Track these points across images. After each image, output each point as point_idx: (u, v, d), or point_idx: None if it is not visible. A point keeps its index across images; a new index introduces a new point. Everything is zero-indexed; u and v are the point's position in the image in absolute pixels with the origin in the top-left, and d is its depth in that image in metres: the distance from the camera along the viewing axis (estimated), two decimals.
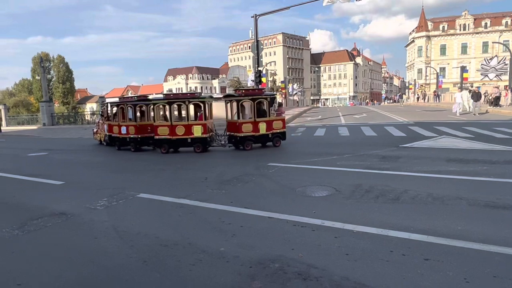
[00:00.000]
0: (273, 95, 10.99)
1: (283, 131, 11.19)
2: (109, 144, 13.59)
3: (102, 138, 14.90)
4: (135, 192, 5.77)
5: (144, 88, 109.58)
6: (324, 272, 2.88)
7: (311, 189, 5.51)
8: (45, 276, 3.13)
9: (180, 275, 2.99)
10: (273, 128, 10.98)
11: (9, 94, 77.58)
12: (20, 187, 7.06)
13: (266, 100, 10.96)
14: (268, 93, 11.25)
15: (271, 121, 10.97)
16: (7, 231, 4.25)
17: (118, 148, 12.45)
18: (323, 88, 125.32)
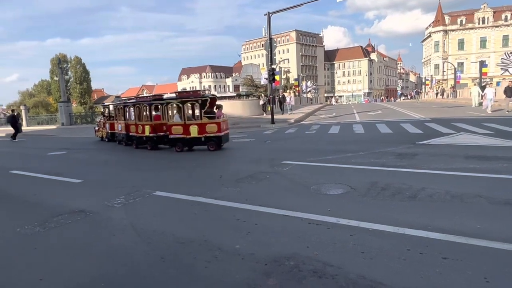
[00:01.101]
0: (205, 97, 10.83)
1: (217, 135, 10.67)
2: (110, 140, 15.77)
3: (104, 135, 16.88)
4: (151, 190, 5.86)
5: (158, 87, 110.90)
6: (340, 270, 2.87)
7: (325, 187, 5.48)
8: (66, 271, 3.22)
9: (196, 271, 3.03)
10: (206, 132, 10.71)
11: (29, 95, 79.80)
12: (41, 185, 7.26)
13: (197, 103, 10.86)
14: (206, 95, 11.05)
15: (203, 124, 10.73)
16: (29, 228, 4.38)
17: (135, 147, 12.73)
18: (337, 85, 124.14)
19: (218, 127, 10.67)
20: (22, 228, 4.36)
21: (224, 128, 11.02)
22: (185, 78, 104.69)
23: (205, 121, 10.77)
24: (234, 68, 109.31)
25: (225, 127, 11.19)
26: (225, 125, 11.24)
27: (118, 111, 14.76)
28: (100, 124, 17.74)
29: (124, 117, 13.89)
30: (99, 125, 17.91)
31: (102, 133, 17.25)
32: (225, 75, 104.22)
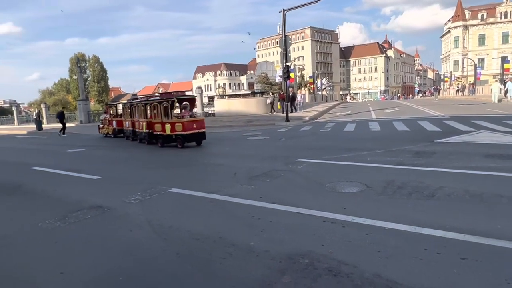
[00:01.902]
0: (172, 98, 12.06)
1: (183, 134, 11.47)
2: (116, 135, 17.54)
3: (110, 131, 18.39)
4: (167, 187, 5.94)
5: (174, 85, 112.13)
6: (355, 269, 2.85)
7: (341, 185, 5.44)
8: (85, 265, 3.31)
9: (211, 268, 3.07)
10: (176, 130, 11.59)
11: (49, 93, 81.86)
12: (61, 181, 7.46)
13: (167, 103, 12.00)
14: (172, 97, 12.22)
15: (173, 123, 11.73)
16: (50, 222, 4.51)
17: (147, 143, 13.25)
18: (353, 82, 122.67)
19: (183, 126, 11.49)
20: (44, 223, 4.50)
21: (194, 127, 11.65)
22: (200, 76, 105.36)
23: (175, 120, 11.83)
24: (249, 66, 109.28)
25: (196, 126, 11.72)
26: (195, 124, 11.76)
27: (125, 110, 16.41)
28: (105, 121, 18.93)
29: (131, 115, 15.39)
30: (104, 122, 19.10)
31: (107, 130, 18.60)
32: (240, 73, 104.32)
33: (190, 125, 11.63)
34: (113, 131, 17.99)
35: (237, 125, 19.60)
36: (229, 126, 19.35)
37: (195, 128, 11.73)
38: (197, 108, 23.07)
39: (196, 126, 11.79)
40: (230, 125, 19.83)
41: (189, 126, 11.57)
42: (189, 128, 11.58)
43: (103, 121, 19.37)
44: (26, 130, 28.76)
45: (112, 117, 18.31)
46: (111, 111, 18.84)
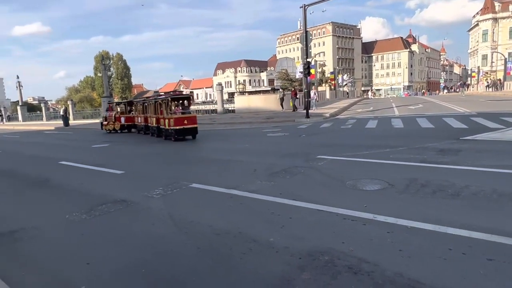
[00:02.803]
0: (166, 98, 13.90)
1: (175, 128, 12.94)
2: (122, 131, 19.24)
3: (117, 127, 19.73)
4: (188, 182, 6.03)
5: (195, 82, 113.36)
6: (376, 267, 2.81)
7: (362, 183, 5.36)
8: (110, 257, 3.42)
9: (232, 262, 3.10)
10: (170, 125, 13.11)
11: (75, 90, 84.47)
12: (87, 175, 7.71)
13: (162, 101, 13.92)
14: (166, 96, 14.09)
15: (169, 118, 13.25)
16: (76, 215, 4.68)
17: (164, 138, 14.13)
18: (375, 78, 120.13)
19: (174, 122, 12.96)
20: (71, 215, 4.67)
21: (185, 123, 13.01)
22: (221, 73, 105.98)
23: (169, 116, 13.27)
24: (269, 62, 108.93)
25: (187, 122, 13.07)
26: (187, 120, 13.08)
27: (138, 107, 18.46)
28: (110, 118, 20.21)
29: (143, 112, 17.31)
30: (109, 119, 20.29)
31: (114, 126, 19.92)
32: (260, 69, 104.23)
33: (181, 121, 12.94)
34: (121, 127, 19.65)
35: (257, 121, 19.61)
36: (249, 123, 19.40)
37: (186, 124, 12.98)
38: (202, 106, 23.34)
39: (188, 122, 13.05)
40: (250, 121, 19.87)
41: (180, 122, 12.92)
42: (180, 124, 12.92)
43: (108, 118, 20.51)
44: (53, 126, 29.86)
45: (120, 114, 20.13)
46: (119, 109, 20.77)
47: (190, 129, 13.18)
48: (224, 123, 20.32)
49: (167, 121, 13.45)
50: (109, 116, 20.54)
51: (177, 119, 12.96)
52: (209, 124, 20.80)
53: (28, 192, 6.51)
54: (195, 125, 13.31)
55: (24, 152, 13.82)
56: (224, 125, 19.77)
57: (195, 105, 55.06)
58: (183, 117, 13.10)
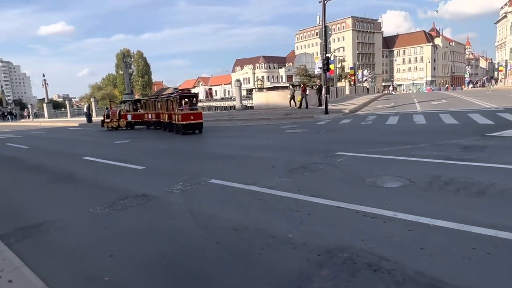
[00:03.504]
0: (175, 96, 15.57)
1: (182, 123, 14.48)
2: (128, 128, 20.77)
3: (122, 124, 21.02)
4: (207, 178, 6.10)
5: (213, 78, 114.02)
6: (397, 265, 2.77)
7: (382, 180, 5.27)
8: (132, 250, 3.51)
9: (250, 257, 3.12)
10: (178, 120, 14.77)
11: (98, 88, 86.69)
12: (109, 170, 7.91)
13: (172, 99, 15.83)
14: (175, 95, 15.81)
15: (178, 114, 14.81)
16: (100, 209, 4.82)
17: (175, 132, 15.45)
18: (396, 73, 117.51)
19: (182, 117, 14.55)
20: (94, 209, 4.81)
21: (192, 119, 14.59)
22: (239, 69, 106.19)
23: (178, 112, 14.80)
24: (287, 58, 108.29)
25: (193, 118, 14.65)
26: (193, 116, 14.68)
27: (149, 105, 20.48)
28: (115, 115, 21.31)
29: (154, 109, 19.28)
30: (112, 116, 21.31)
31: (118, 123, 21.09)
32: (278, 65, 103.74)
33: (188, 117, 14.55)
34: (127, 124, 21.18)
35: (275, 117, 19.57)
36: (267, 119, 19.39)
37: (192, 119, 14.59)
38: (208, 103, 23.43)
39: (194, 117, 14.66)
40: (268, 117, 19.85)
41: (187, 117, 14.51)
42: (187, 119, 14.51)
43: (111, 116, 21.40)
44: (77, 123, 30.75)
45: (126, 111, 21.81)
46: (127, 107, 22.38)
47: (196, 124, 14.75)
48: (242, 119, 20.38)
49: (177, 117, 14.94)
50: (113, 114, 21.56)
51: (184, 115, 14.53)
52: (228, 121, 20.92)
53: (54, 186, 6.75)
54: (200, 120, 14.89)
55: (50, 148, 14.32)
56: (242, 121, 19.83)
57: (214, 102, 55.46)
58: (190, 113, 14.70)
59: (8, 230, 4.24)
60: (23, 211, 5.21)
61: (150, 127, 20.16)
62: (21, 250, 3.57)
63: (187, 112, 14.68)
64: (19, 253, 3.48)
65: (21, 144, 15.58)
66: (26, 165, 9.71)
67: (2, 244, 3.75)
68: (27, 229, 4.25)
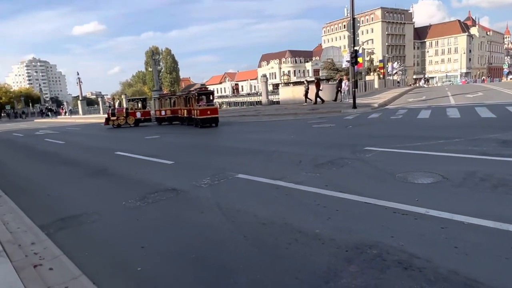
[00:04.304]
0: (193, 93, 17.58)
1: (200, 118, 16.21)
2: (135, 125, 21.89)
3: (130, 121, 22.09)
4: (234, 173, 6.16)
5: (239, 74, 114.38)
6: (428, 263, 2.70)
7: (413, 175, 5.12)
8: (163, 242, 3.62)
9: (278, 252, 3.14)
10: (196, 115, 16.51)
11: (128, 85, 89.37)
12: (140, 165, 8.16)
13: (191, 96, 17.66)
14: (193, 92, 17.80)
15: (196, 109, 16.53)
16: (131, 202, 5.00)
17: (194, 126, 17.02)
18: (428, 65, 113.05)
19: (200, 112, 16.23)
20: (127, 202, 5.00)
21: (208, 113, 16.25)
22: (265, 64, 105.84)
23: (196, 108, 16.51)
24: (314, 52, 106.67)
25: (209, 113, 16.30)
26: (209, 111, 16.30)
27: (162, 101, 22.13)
28: (121, 113, 22.26)
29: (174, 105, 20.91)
30: (119, 114, 22.22)
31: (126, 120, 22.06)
32: (305, 59, 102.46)
33: (204, 112, 16.25)
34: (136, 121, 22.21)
35: (302, 112, 19.41)
36: (293, 114, 19.26)
37: (208, 114, 16.25)
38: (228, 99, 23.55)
39: (210, 112, 16.32)
40: (295, 112, 19.72)
41: (204, 112, 16.23)
42: (204, 114, 16.23)
43: (117, 113, 22.20)
44: None
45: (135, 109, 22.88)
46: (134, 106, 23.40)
47: (212, 118, 16.39)
48: (268, 115, 20.36)
49: (195, 112, 16.61)
50: (119, 112, 22.38)
51: (202, 110, 16.19)
52: (254, 116, 20.96)
53: (89, 180, 7.05)
54: (216, 115, 16.61)
55: (85, 143, 14.96)
56: (268, 116, 19.82)
57: (240, 97, 55.73)
58: (207, 108, 16.32)
59: (48, 221, 4.49)
60: (61, 203, 5.49)
61: (162, 123, 21.55)
62: (60, 240, 3.78)
63: (204, 108, 16.26)
64: (58, 242, 3.68)
65: (58, 140, 16.36)
66: (63, 160, 10.20)
67: (43, 234, 3.99)
68: (65, 220, 4.48)
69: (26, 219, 4.58)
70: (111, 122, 22.24)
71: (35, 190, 6.54)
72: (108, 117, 22.61)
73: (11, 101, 74.39)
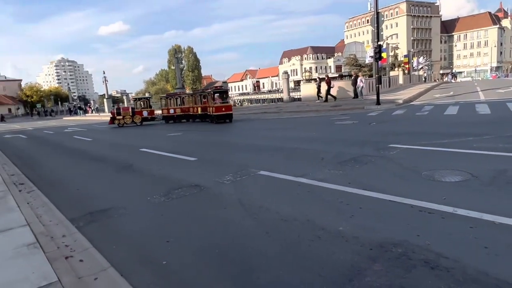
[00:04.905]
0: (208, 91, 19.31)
1: (215, 114, 17.74)
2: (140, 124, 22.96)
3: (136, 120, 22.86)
4: (256, 170, 6.19)
5: (261, 71, 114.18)
6: (457, 263, 2.62)
7: (440, 173, 4.98)
8: (187, 237, 3.70)
9: (300, 249, 3.14)
10: (212, 112, 18.06)
11: (152, 83, 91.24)
12: (164, 161, 8.34)
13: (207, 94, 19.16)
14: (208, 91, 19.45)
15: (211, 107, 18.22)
16: (156, 197, 5.12)
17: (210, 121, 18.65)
18: (456, 59, 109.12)
19: (215, 109, 17.72)
20: (151, 197, 5.12)
21: (223, 110, 17.79)
22: (286, 61, 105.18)
23: (211, 104, 18.15)
24: (336, 48, 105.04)
25: (224, 110, 17.83)
26: (224, 108, 17.84)
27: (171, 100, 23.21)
28: (127, 112, 22.86)
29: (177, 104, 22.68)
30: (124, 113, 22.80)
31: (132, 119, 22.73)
32: (327, 55, 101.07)
33: (219, 109, 17.77)
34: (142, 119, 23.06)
35: (324, 109, 19.21)
36: (315, 111, 19.09)
37: (223, 111, 17.79)
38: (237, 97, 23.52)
39: (225, 109, 17.85)
40: (317, 109, 19.54)
41: (219, 109, 17.74)
42: (219, 110, 17.75)
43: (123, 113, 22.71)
44: None
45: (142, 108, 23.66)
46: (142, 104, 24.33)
47: (227, 115, 17.99)
48: (290, 112, 20.28)
49: (211, 109, 18.16)
50: (124, 110, 22.97)
51: (217, 107, 17.70)
52: (275, 113, 20.92)
53: (116, 175, 7.27)
54: (230, 111, 18.22)
55: (111, 140, 15.41)
56: (290, 113, 19.73)
57: (261, 94, 55.68)
58: (222, 105, 17.86)
59: (77, 214, 4.67)
60: (90, 197, 5.69)
61: (169, 121, 22.82)
62: (89, 233, 3.92)
63: (219, 105, 17.81)
64: (88, 235, 3.83)
65: (86, 137, 16.93)
66: (91, 156, 10.56)
67: (73, 227, 4.15)
68: (94, 214, 4.64)
69: (57, 212, 4.78)
70: (117, 121, 22.81)
71: (65, 184, 6.81)
72: (114, 117, 23.18)
73: (41, 99, 77.66)
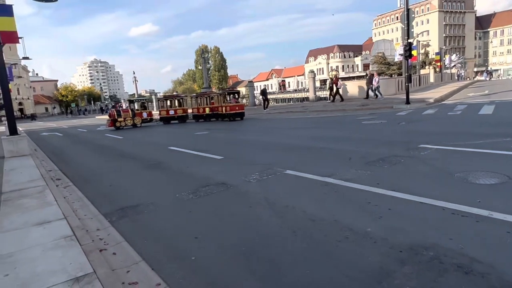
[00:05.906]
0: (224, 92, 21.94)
1: (229, 113, 20.25)
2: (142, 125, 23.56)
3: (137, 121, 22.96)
4: (282, 169, 6.20)
5: (286, 70, 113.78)
6: (492, 269, 2.53)
7: (474, 175, 4.79)
8: (214, 234, 3.76)
9: (327, 248, 3.13)
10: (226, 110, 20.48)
11: (179, 83, 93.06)
12: (192, 159, 8.50)
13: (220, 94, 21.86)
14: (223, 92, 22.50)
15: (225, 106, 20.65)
16: (184, 194, 5.24)
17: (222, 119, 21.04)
18: (492, 57, 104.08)
19: (229, 108, 20.26)
20: (180, 194, 5.25)
21: (237, 109, 20.44)
22: (312, 60, 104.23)
23: (225, 104, 20.59)
24: (364, 46, 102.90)
25: (238, 108, 20.47)
26: (237, 107, 20.48)
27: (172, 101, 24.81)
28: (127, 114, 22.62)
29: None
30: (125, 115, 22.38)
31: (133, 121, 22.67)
32: (354, 54, 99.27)
33: (233, 108, 20.33)
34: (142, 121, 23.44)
35: (351, 108, 18.89)
36: (342, 110, 18.81)
37: (237, 110, 20.39)
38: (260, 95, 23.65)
39: (238, 108, 20.48)
40: (343, 108, 19.24)
41: (232, 108, 20.30)
42: (232, 109, 20.28)
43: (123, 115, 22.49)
44: None
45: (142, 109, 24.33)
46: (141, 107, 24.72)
47: (239, 113, 20.51)
48: (316, 111, 20.10)
49: (224, 108, 20.63)
50: (124, 112, 22.96)
51: (231, 106, 20.28)
52: (301, 112, 20.80)
53: (145, 172, 7.49)
54: (242, 110, 20.77)
55: (140, 138, 15.88)
56: (316, 112, 19.55)
57: (287, 93, 55.48)
58: (235, 105, 20.50)
59: (110, 209, 4.86)
60: (121, 193, 5.90)
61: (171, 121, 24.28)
62: (121, 227, 4.08)
63: (233, 104, 20.43)
64: (120, 230, 3.98)
65: (117, 135, 17.52)
66: (122, 154, 10.93)
67: (107, 221, 4.33)
68: (125, 210, 4.81)
69: (91, 207, 5.00)
70: (118, 123, 21.58)
71: (98, 180, 7.09)
72: (114, 119, 21.73)
73: (75, 99, 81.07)
